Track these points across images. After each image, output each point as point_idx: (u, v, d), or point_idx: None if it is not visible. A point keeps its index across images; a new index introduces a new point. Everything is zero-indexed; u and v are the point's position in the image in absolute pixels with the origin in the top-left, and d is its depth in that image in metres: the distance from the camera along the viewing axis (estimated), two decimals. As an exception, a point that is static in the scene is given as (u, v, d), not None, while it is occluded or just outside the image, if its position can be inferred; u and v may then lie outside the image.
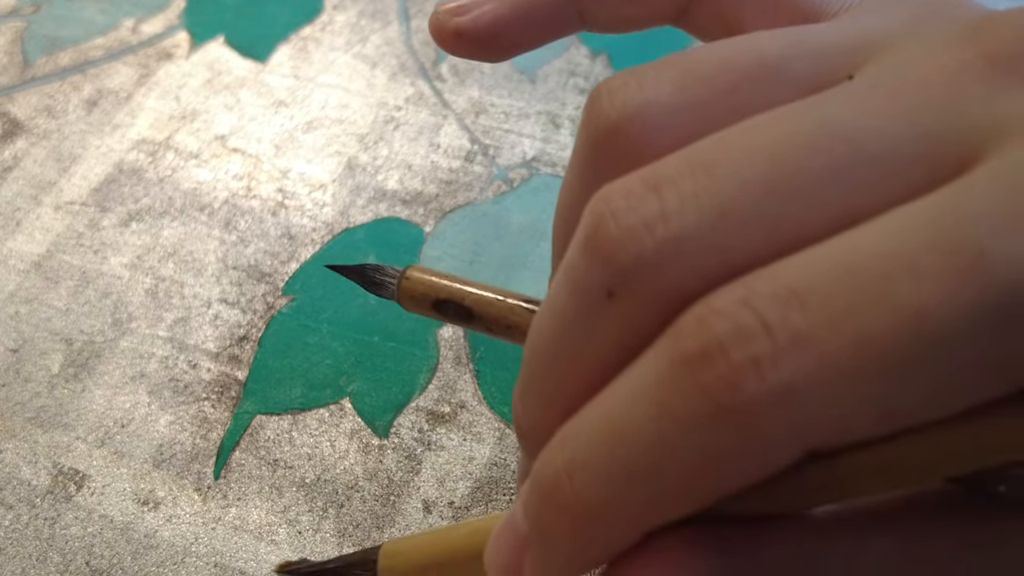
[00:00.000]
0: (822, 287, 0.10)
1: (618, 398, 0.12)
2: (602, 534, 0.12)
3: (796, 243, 0.11)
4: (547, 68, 0.37)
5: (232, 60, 0.38)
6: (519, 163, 0.33)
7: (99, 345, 0.28)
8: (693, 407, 0.10)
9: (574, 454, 0.12)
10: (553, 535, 0.12)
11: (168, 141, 0.35)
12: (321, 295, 0.29)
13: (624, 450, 0.11)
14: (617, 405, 0.12)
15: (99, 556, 0.24)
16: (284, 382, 0.27)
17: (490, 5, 0.19)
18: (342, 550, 0.24)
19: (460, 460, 0.25)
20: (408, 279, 0.22)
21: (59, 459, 0.26)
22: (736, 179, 0.11)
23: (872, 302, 0.10)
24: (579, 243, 0.12)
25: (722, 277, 0.11)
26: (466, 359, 0.27)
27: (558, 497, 0.12)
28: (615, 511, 0.11)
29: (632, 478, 0.11)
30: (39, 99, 0.36)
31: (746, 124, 0.12)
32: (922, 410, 0.10)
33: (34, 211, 0.32)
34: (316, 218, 0.32)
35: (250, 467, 0.25)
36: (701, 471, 0.11)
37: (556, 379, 0.13)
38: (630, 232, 0.11)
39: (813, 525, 0.12)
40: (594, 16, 0.19)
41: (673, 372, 0.11)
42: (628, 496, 0.11)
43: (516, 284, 0.29)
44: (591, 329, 0.12)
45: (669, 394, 0.11)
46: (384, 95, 0.36)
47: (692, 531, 0.11)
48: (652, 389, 0.11)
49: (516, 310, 0.21)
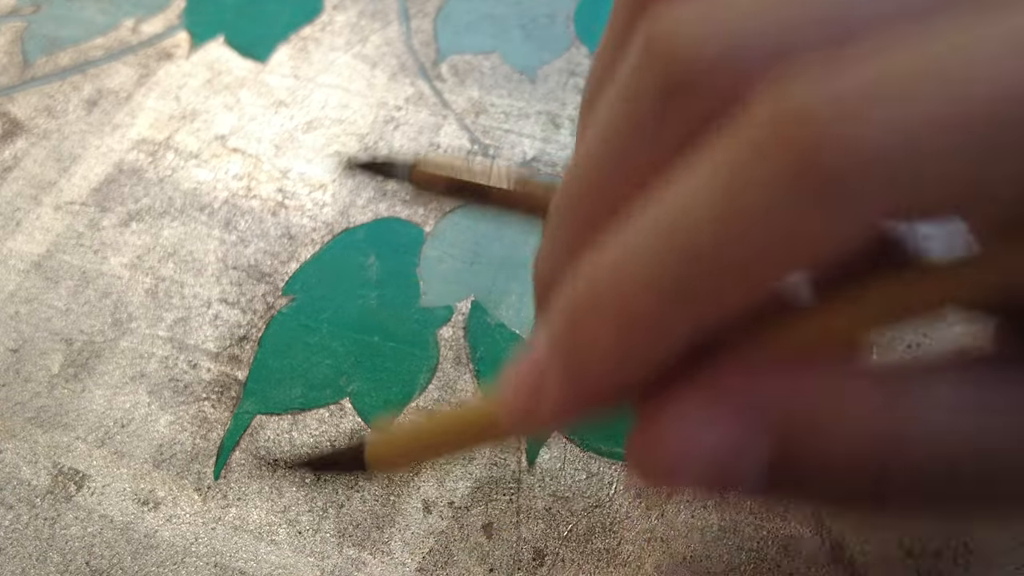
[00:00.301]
0: (917, 63, 0.09)
1: (678, 188, 0.11)
2: (645, 340, 0.11)
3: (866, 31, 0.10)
4: (547, 68, 0.37)
5: (232, 60, 0.38)
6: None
7: (99, 345, 0.28)
8: (773, 169, 0.10)
9: (620, 254, 0.11)
10: (587, 347, 0.12)
11: (168, 141, 0.35)
12: (321, 295, 0.29)
13: (683, 235, 0.10)
14: (679, 193, 0.11)
15: (99, 556, 0.24)
16: (284, 382, 0.27)
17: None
18: (342, 550, 0.24)
19: (460, 460, 0.25)
20: (418, 164, 0.22)
21: (59, 459, 0.26)
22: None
23: (973, 75, 0.09)
24: (636, 51, 0.12)
25: (789, 60, 0.10)
26: (466, 359, 0.27)
27: (598, 300, 0.11)
28: (665, 308, 0.11)
29: (688, 265, 0.10)
30: (39, 99, 0.36)
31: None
32: (1006, 189, 0.09)
33: (34, 211, 0.32)
34: (316, 218, 0.32)
35: (250, 467, 0.25)
36: (769, 249, 0.10)
37: (598, 200, 0.13)
38: (691, 26, 0.11)
39: (865, 370, 0.11)
40: None
41: (754, 137, 0.10)
42: (682, 288, 0.10)
43: (516, 284, 0.29)
44: (648, 134, 0.12)
45: (747, 162, 0.10)
46: (384, 95, 0.36)
47: (731, 366, 0.11)
48: (724, 165, 0.10)
49: (527, 176, 0.22)
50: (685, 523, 0.24)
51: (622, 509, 0.24)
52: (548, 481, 0.25)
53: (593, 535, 0.24)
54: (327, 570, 0.23)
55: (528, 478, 0.25)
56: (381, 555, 0.24)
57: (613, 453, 0.25)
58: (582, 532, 0.24)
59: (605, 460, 0.25)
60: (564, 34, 0.38)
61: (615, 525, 0.24)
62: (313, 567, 0.23)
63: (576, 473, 0.25)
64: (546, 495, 0.24)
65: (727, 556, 0.23)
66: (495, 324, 0.28)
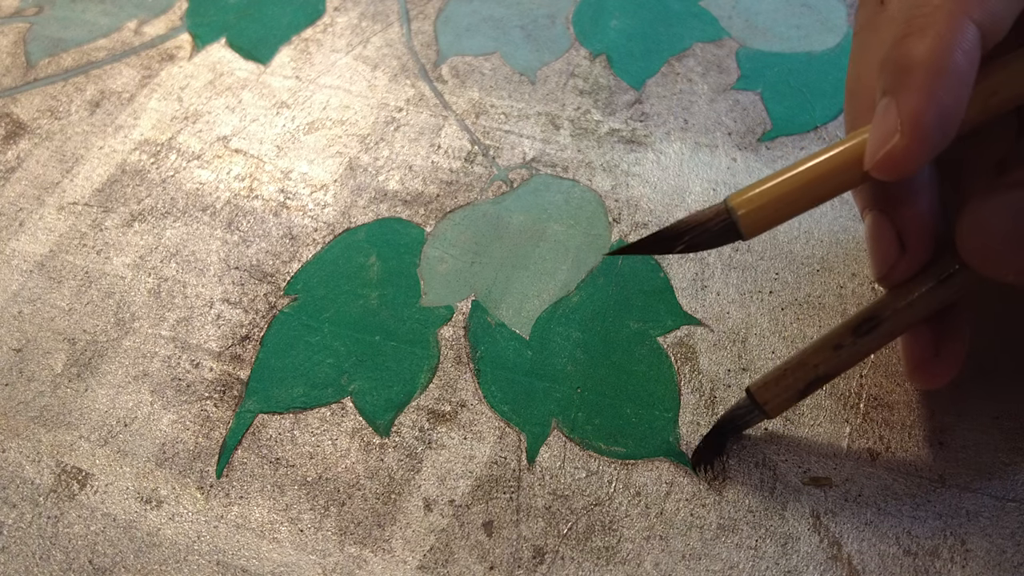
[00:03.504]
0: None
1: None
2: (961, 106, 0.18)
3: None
4: (547, 69, 0.37)
5: (234, 62, 0.38)
6: (519, 164, 0.33)
7: (102, 345, 0.29)
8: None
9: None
10: (924, 112, 0.18)
11: (170, 142, 0.35)
12: (323, 295, 0.29)
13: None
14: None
15: (102, 554, 0.24)
16: (286, 381, 0.27)
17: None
18: (344, 548, 0.24)
19: (460, 458, 0.25)
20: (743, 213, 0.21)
21: (62, 458, 0.26)
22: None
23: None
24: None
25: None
26: (466, 358, 0.28)
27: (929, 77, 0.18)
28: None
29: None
30: (42, 100, 0.37)
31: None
32: None
33: (37, 211, 0.33)
34: (318, 218, 0.32)
35: (252, 466, 0.26)
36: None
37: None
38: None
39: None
40: None
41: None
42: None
43: (516, 284, 0.29)
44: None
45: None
46: (385, 96, 0.36)
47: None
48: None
49: None
50: (684, 521, 0.24)
51: (622, 507, 0.24)
52: (548, 479, 0.25)
53: (593, 533, 0.24)
54: (329, 568, 0.24)
55: (528, 476, 0.25)
56: (382, 553, 0.24)
57: (613, 452, 0.25)
58: (582, 530, 0.24)
59: (605, 459, 0.25)
60: (564, 35, 0.38)
61: (615, 523, 0.24)
62: (315, 565, 0.24)
63: (576, 471, 0.25)
64: (546, 493, 0.25)
65: (726, 554, 0.23)
66: (495, 324, 0.28)
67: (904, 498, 0.24)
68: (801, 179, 0.20)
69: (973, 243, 0.20)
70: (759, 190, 0.21)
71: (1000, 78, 0.19)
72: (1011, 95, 0.19)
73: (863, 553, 0.23)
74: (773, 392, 0.23)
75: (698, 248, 0.22)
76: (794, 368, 0.23)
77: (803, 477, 0.25)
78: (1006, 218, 0.19)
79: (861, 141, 0.20)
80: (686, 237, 0.21)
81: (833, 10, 0.39)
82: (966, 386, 0.26)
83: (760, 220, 0.21)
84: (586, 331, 0.28)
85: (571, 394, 0.27)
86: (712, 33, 0.38)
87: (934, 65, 0.18)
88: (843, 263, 0.29)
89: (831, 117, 0.34)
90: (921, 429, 0.25)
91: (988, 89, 0.19)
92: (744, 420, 0.25)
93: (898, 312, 0.22)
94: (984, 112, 0.19)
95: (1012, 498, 0.24)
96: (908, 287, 0.22)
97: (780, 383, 0.23)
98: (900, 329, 0.22)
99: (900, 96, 0.18)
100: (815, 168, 0.20)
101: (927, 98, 0.18)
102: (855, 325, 0.22)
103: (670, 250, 0.22)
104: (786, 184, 0.20)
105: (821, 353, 0.23)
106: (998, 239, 0.19)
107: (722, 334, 0.28)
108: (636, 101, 0.35)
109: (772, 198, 0.20)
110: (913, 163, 0.18)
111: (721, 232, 0.21)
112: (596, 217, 0.31)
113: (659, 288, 0.29)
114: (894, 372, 0.27)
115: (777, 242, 0.30)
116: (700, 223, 0.21)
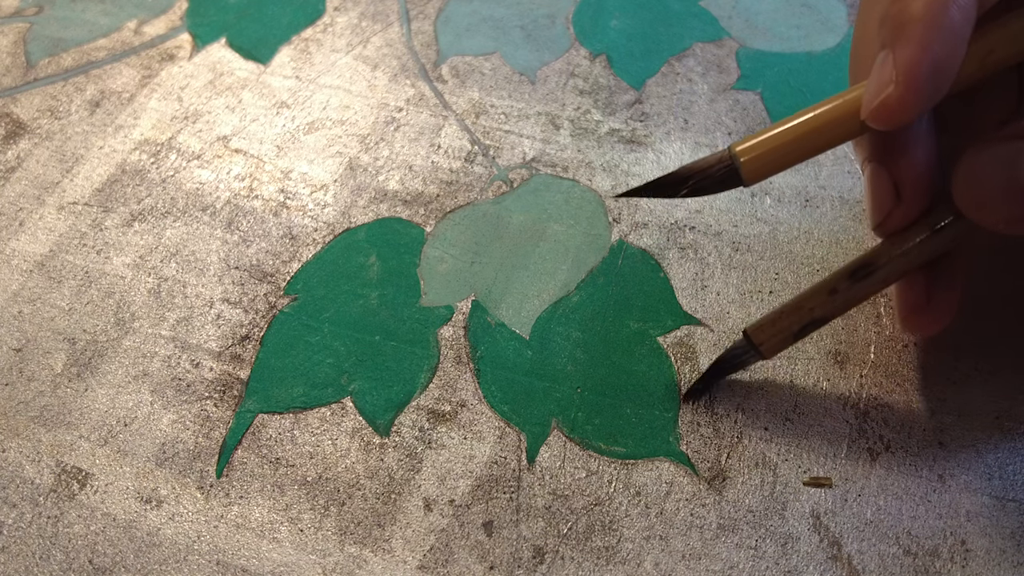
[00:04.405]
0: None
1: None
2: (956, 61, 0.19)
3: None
4: (546, 69, 0.37)
5: (234, 61, 0.38)
6: (519, 164, 0.33)
7: (102, 344, 0.29)
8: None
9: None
10: (917, 64, 0.19)
11: (170, 142, 0.35)
12: (323, 295, 0.29)
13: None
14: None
15: (102, 554, 0.24)
16: (286, 381, 0.27)
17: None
18: (343, 548, 0.24)
19: (460, 458, 0.25)
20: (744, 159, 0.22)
21: (62, 458, 0.26)
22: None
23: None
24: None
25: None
26: (466, 358, 0.28)
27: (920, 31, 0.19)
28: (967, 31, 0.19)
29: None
30: (42, 100, 0.37)
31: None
32: None
33: (37, 211, 0.33)
34: (318, 218, 0.32)
35: (252, 465, 0.26)
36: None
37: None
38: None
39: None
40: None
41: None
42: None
43: (516, 284, 0.29)
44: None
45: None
46: (385, 96, 0.36)
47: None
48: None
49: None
50: (684, 521, 0.24)
51: (621, 507, 0.24)
52: (548, 479, 0.25)
53: (592, 533, 0.24)
54: (329, 568, 0.24)
55: (528, 476, 0.25)
56: (382, 553, 0.24)
57: (613, 452, 0.25)
58: (582, 530, 0.24)
59: (605, 459, 0.25)
60: (564, 36, 0.38)
61: (614, 523, 0.24)
62: (315, 565, 0.24)
63: (576, 471, 0.25)
64: (546, 493, 0.25)
65: (726, 554, 0.23)
66: (495, 324, 0.28)
67: (904, 498, 0.24)
68: (802, 128, 0.21)
69: (967, 191, 0.21)
70: (761, 138, 0.22)
71: (997, 37, 0.20)
72: (1008, 54, 0.20)
73: (863, 553, 0.23)
74: (768, 333, 0.24)
75: (701, 193, 0.22)
76: (790, 311, 0.24)
77: (803, 477, 0.25)
78: (999, 168, 0.20)
79: (860, 93, 0.21)
80: (690, 182, 0.22)
81: (833, 10, 0.39)
82: (966, 386, 0.26)
83: (761, 167, 0.22)
84: (586, 331, 0.28)
85: (571, 394, 0.27)
86: (712, 33, 0.38)
87: (929, 19, 0.19)
88: (843, 263, 0.29)
89: (831, 117, 0.34)
90: (921, 429, 0.25)
91: (985, 48, 0.20)
92: (740, 360, 0.25)
93: (893, 259, 0.23)
94: (981, 70, 0.20)
95: (1012, 498, 0.24)
96: (903, 236, 0.23)
97: (776, 325, 0.24)
98: (894, 276, 0.23)
99: (896, 48, 0.19)
100: (816, 118, 0.21)
101: (922, 50, 0.19)
102: (851, 271, 0.23)
103: (675, 194, 0.23)
104: (787, 133, 0.21)
105: (817, 297, 0.24)
106: (991, 188, 0.20)
107: (722, 334, 0.28)
108: (636, 101, 0.35)
109: (773, 146, 0.21)
110: (907, 112, 0.19)
111: (724, 178, 0.22)
112: (596, 217, 0.31)
113: (659, 288, 0.29)
114: (894, 372, 0.27)
115: (777, 242, 0.30)
116: (703, 169, 0.22)
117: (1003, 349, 0.27)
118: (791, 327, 0.24)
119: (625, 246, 0.30)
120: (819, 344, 0.27)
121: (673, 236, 0.30)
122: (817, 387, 0.26)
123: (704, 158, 0.22)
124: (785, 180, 0.32)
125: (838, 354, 0.27)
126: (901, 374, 0.26)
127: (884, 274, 0.23)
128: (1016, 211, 0.20)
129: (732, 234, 0.30)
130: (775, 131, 0.22)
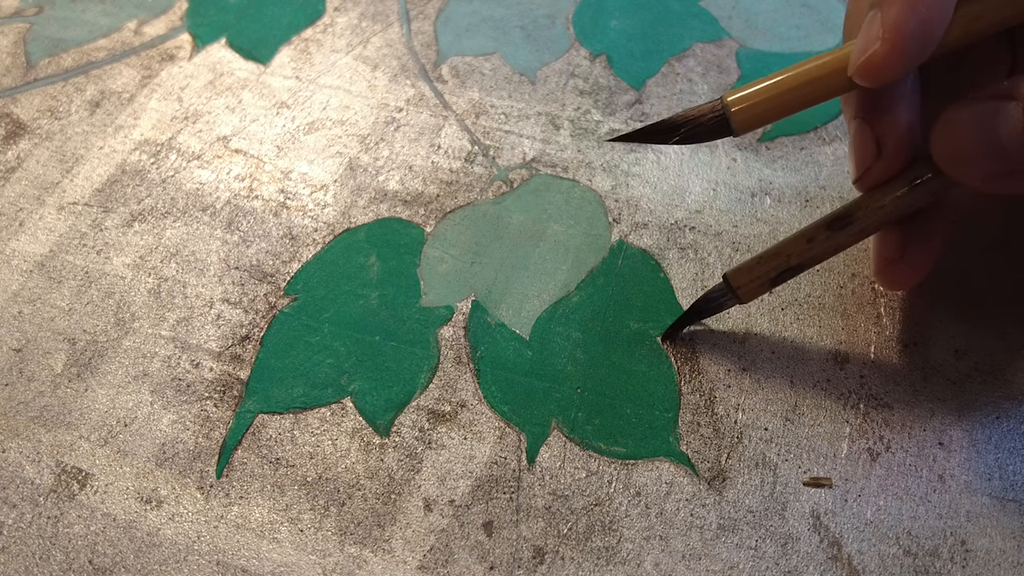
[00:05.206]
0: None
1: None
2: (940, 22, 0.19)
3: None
4: (547, 69, 0.37)
5: (234, 62, 0.38)
6: (519, 164, 0.33)
7: (102, 345, 0.29)
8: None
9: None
10: (903, 24, 0.19)
11: (171, 142, 0.35)
12: (323, 295, 0.29)
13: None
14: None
15: (102, 554, 0.24)
16: (286, 381, 0.27)
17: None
18: (344, 548, 0.24)
19: (460, 458, 0.25)
20: (735, 109, 0.23)
21: (62, 458, 0.26)
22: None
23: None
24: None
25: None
26: (466, 358, 0.28)
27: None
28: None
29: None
30: (42, 100, 0.37)
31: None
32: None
33: (37, 211, 0.33)
34: (318, 218, 0.32)
35: (252, 466, 0.26)
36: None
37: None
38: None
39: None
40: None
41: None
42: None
43: (516, 284, 0.29)
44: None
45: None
46: (385, 96, 0.36)
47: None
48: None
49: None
50: (684, 521, 0.24)
51: (622, 507, 0.24)
52: (548, 479, 0.25)
53: (593, 533, 0.24)
54: (329, 568, 0.24)
55: (528, 476, 0.25)
56: (382, 553, 0.24)
57: (613, 452, 0.25)
58: (582, 530, 0.24)
59: (605, 459, 0.25)
60: (564, 36, 0.38)
61: (614, 523, 0.24)
62: (315, 565, 0.24)
63: (576, 471, 0.25)
64: (546, 493, 0.25)
65: (726, 554, 0.23)
66: (495, 324, 0.28)
67: (904, 498, 0.24)
68: (792, 82, 0.22)
69: (945, 147, 0.21)
70: (752, 89, 0.22)
71: (985, 4, 0.21)
72: (993, 21, 0.21)
73: (863, 553, 0.23)
74: (747, 278, 0.25)
75: (693, 141, 0.23)
76: (768, 257, 0.25)
77: (803, 477, 0.25)
78: (977, 125, 0.21)
79: (850, 50, 0.21)
80: (682, 129, 0.23)
81: (833, 10, 0.39)
82: (966, 386, 0.26)
83: (751, 117, 0.22)
84: (586, 331, 0.28)
85: (571, 394, 0.27)
86: (712, 33, 0.38)
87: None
88: (843, 263, 0.29)
89: (831, 117, 0.34)
90: (921, 429, 0.25)
91: (972, 13, 0.21)
92: (718, 303, 0.26)
93: (870, 212, 0.23)
94: (967, 35, 0.21)
95: (1012, 498, 0.24)
96: (882, 190, 0.23)
97: (754, 270, 0.25)
98: (871, 228, 0.24)
99: (884, 7, 0.20)
100: (805, 72, 0.22)
101: (908, 9, 0.19)
102: (829, 221, 0.24)
103: (667, 141, 0.24)
104: (778, 86, 0.22)
105: (795, 245, 0.24)
106: (968, 144, 0.21)
107: (722, 334, 0.28)
108: (636, 101, 0.35)
109: (764, 97, 0.22)
110: (891, 69, 0.20)
111: (714, 127, 0.23)
112: (596, 217, 0.31)
113: (659, 288, 0.29)
114: (894, 372, 0.27)
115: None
116: (695, 117, 0.23)
117: (1003, 349, 0.27)
118: (768, 273, 0.25)
119: (625, 246, 0.30)
120: (819, 344, 0.27)
121: (673, 236, 0.30)
122: (817, 387, 0.26)
123: (697, 107, 0.23)
124: (785, 180, 0.32)
125: (838, 354, 0.27)
126: (901, 374, 0.26)
127: (861, 226, 0.23)
128: (992, 168, 0.21)
129: (732, 234, 0.30)
130: (766, 83, 0.22)
